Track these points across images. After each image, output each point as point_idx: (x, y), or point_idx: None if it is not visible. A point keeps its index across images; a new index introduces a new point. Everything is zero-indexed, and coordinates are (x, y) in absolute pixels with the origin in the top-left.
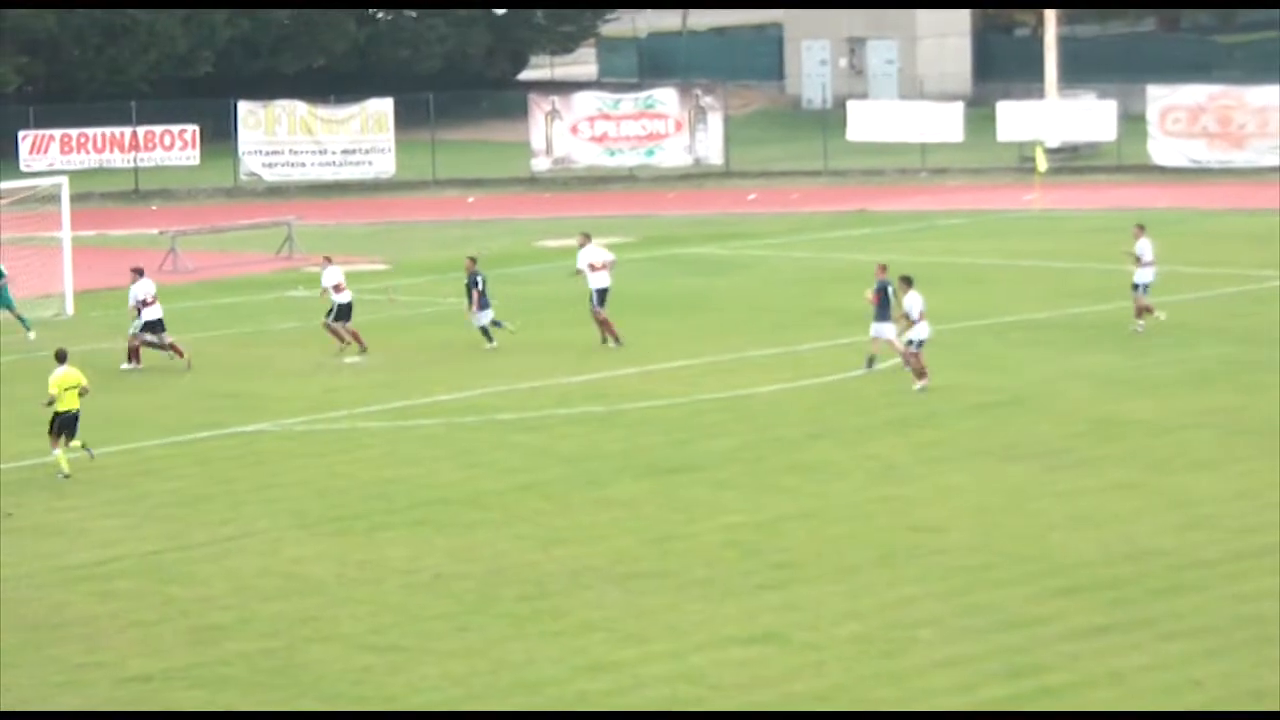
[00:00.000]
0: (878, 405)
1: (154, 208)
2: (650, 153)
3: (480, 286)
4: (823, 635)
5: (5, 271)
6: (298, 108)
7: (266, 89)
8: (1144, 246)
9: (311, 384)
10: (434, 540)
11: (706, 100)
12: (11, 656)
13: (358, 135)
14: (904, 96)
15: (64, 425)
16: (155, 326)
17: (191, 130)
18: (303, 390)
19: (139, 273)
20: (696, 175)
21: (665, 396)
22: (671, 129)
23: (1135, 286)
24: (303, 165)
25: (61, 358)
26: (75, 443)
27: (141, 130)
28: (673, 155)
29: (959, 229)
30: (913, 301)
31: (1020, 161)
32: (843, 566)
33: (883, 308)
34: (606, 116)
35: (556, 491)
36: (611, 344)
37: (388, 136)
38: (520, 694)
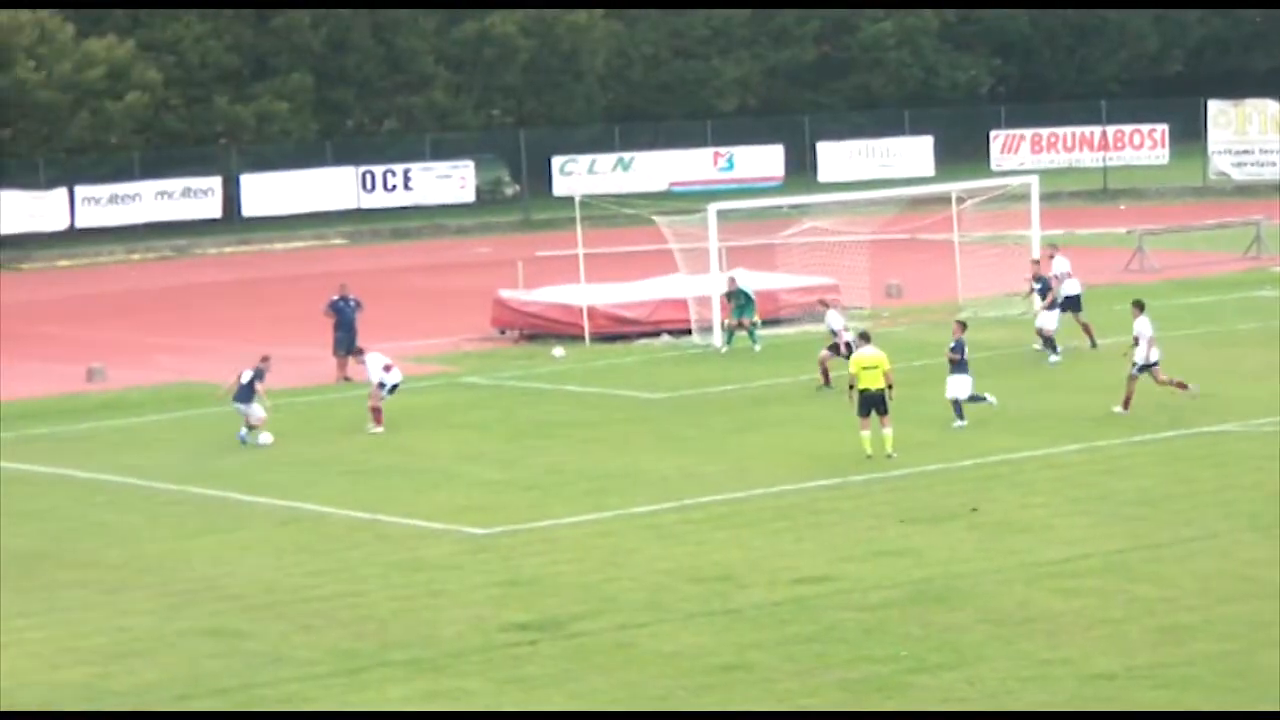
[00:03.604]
0: None
1: (1122, 207)
2: None
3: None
4: None
5: None
6: (1269, 106)
7: (1237, 87)
8: None
9: (1276, 385)
10: None
11: None
12: (979, 649)
13: None
14: None
15: (869, 404)
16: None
17: (1160, 129)
18: (1267, 391)
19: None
20: None
21: None
22: None
23: None
24: (1272, 164)
25: (865, 338)
26: (886, 432)
27: (1111, 129)
28: None
29: None
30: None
31: None
32: None
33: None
34: None
35: None
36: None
37: None
38: None
